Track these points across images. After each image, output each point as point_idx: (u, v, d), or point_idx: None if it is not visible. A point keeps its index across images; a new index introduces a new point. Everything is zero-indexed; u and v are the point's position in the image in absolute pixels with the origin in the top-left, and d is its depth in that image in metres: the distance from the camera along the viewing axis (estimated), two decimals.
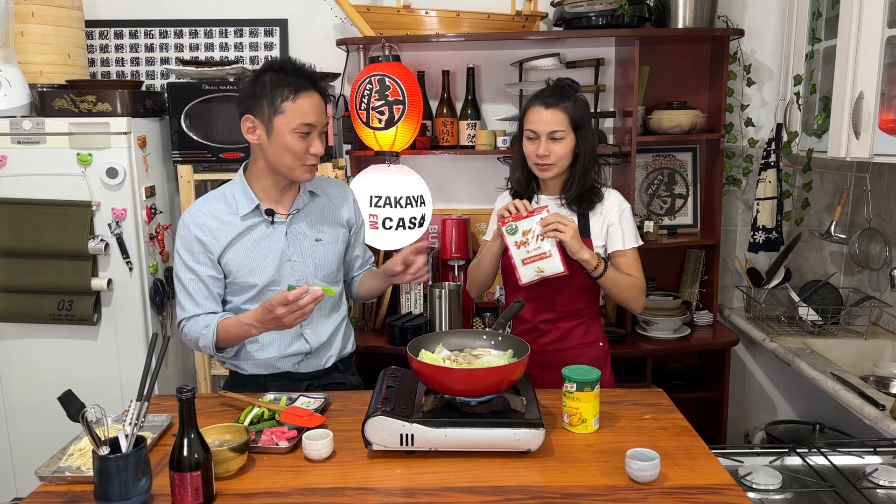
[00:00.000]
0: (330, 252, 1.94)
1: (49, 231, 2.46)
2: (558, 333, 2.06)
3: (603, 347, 2.12)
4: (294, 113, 1.75)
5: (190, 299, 1.85)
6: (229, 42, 3.06)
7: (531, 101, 2.00)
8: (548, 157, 1.95)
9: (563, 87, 2.00)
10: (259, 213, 1.87)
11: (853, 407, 2.14)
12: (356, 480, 1.46)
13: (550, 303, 2.05)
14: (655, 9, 2.83)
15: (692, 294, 3.12)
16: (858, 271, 3.01)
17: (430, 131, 2.99)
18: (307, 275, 1.90)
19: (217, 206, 1.87)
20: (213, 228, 1.83)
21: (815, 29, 2.73)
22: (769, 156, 2.89)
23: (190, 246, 1.83)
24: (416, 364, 1.58)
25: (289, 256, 1.88)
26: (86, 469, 1.48)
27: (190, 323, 1.85)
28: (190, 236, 1.83)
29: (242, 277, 1.85)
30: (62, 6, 2.65)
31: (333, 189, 2.02)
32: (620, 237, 2.03)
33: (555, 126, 1.94)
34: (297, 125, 1.75)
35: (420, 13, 2.83)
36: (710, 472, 1.47)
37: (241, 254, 1.84)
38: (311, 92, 1.78)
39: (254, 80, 1.79)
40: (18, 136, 2.46)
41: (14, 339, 2.58)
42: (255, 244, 1.85)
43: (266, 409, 1.71)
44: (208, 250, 1.83)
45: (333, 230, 1.96)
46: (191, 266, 1.83)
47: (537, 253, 1.91)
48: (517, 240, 1.92)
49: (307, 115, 1.76)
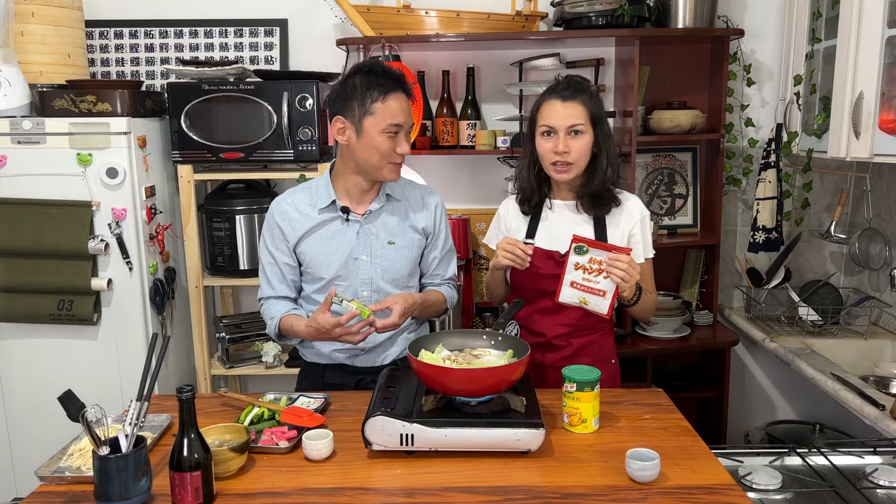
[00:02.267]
0: (402, 256, 1.95)
1: (49, 231, 2.46)
2: (571, 350, 1.96)
3: (614, 365, 2.04)
4: (384, 114, 1.79)
5: (266, 282, 1.98)
6: (229, 42, 3.06)
7: (544, 96, 1.88)
8: (568, 155, 1.83)
9: (577, 82, 1.88)
10: (335, 208, 1.91)
11: (853, 407, 2.14)
12: (356, 480, 1.45)
13: (564, 315, 1.94)
14: (655, 9, 2.83)
15: (692, 294, 3.12)
16: (858, 271, 3.01)
17: (430, 131, 2.99)
18: (374, 276, 1.93)
19: (300, 197, 1.95)
20: (292, 218, 1.92)
21: (815, 29, 2.73)
22: (769, 156, 2.89)
23: (272, 231, 1.95)
24: (416, 364, 1.58)
25: (357, 255, 1.91)
26: (86, 469, 1.48)
27: (264, 304, 1.99)
28: (272, 222, 1.94)
29: (313, 269, 1.93)
30: (62, 6, 2.65)
31: (416, 195, 2.01)
32: (642, 248, 1.95)
33: (574, 119, 1.83)
34: (386, 125, 1.80)
35: (420, 13, 2.83)
36: (710, 472, 1.47)
37: (313, 246, 1.92)
38: (399, 93, 1.82)
39: (343, 83, 1.83)
40: (18, 136, 2.46)
41: (14, 339, 2.58)
42: (327, 238, 1.92)
43: (266, 409, 1.71)
44: (285, 237, 1.92)
45: (407, 235, 1.96)
46: (270, 250, 1.95)
47: (593, 286, 1.80)
48: (580, 262, 1.79)
49: (396, 115, 1.81)
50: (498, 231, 2.08)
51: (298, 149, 2.66)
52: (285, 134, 2.64)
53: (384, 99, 1.78)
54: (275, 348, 2.85)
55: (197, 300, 2.80)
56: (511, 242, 1.86)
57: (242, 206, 2.77)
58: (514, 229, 2.03)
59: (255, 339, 2.90)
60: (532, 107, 1.94)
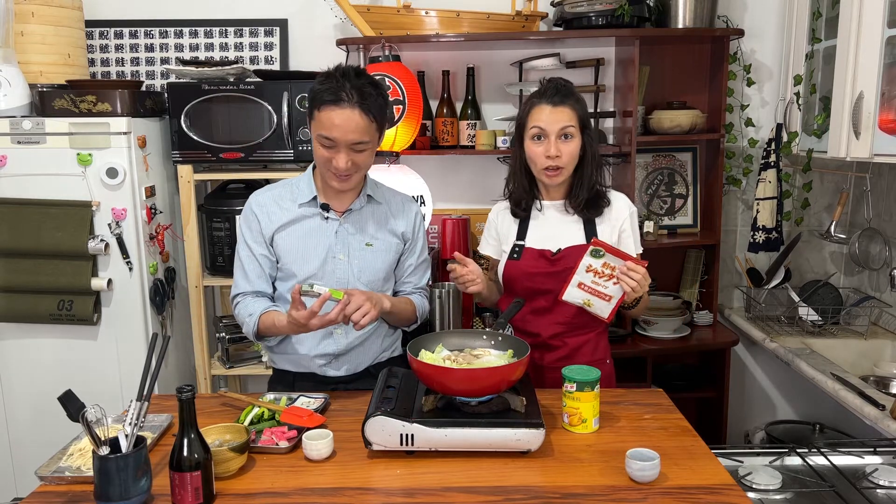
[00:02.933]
0: (378, 259, 1.93)
1: (49, 231, 2.46)
2: (566, 350, 1.97)
3: (609, 366, 2.05)
4: (317, 123, 1.76)
5: (243, 276, 1.93)
6: (229, 42, 3.06)
7: (533, 101, 1.90)
8: (559, 159, 1.85)
9: (563, 86, 1.90)
10: (315, 204, 1.91)
11: (853, 407, 2.14)
12: (356, 480, 1.45)
13: (559, 314, 1.95)
14: (655, 9, 2.83)
15: (692, 294, 3.12)
16: (858, 271, 3.01)
17: (430, 131, 2.99)
18: (350, 277, 1.90)
19: (280, 191, 1.94)
20: (270, 210, 1.91)
21: (815, 29, 2.73)
22: (769, 156, 2.89)
23: (249, 223, 1.92)
24: (416, 364, 1.58)
25: (335, 254, 1.89)
26: (86, 469, 1.48)
27: (240, 301, 1.93)
28: (250, 213, 1.92)
29: (288, 265, 1.90)
30: (62, 6, 2.65)
31: (397, 200, 2.00)
32: (633, 244, 1.97)
33: (565, 122, 1.84)
34: (317, 135, 1.77)
35: (420, 13, 2.83)
36: (710, 472, 1.47)
37: (290, 240, 1.89)
38: (341, 108, 1.72)
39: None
40: (18, 136, 2.46)
41: (14, 339, 2.58)
42: (305, 234, 1.90)
43: (266, 409, 1.71)
44: (262, 229, 1.90)
45: (386, 238, 1.94)
46: (248, 243, 1.92)
47: (601, 290, 1.81)
48: (594, 265, 1.79)
49: (327, 128, 1.73)
50: (489, 237, 2.09)
51: (298, 149, 2.67)
52: (285, 134, 2.64)
53: (321, 109, 1.73)
54: None
55: (197, 300, 2.80)
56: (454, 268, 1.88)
57: (242, 206, 2.73)
58: (505, 233, 2.04)
59: None
60: (519, 111, 1.94)
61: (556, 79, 1.94)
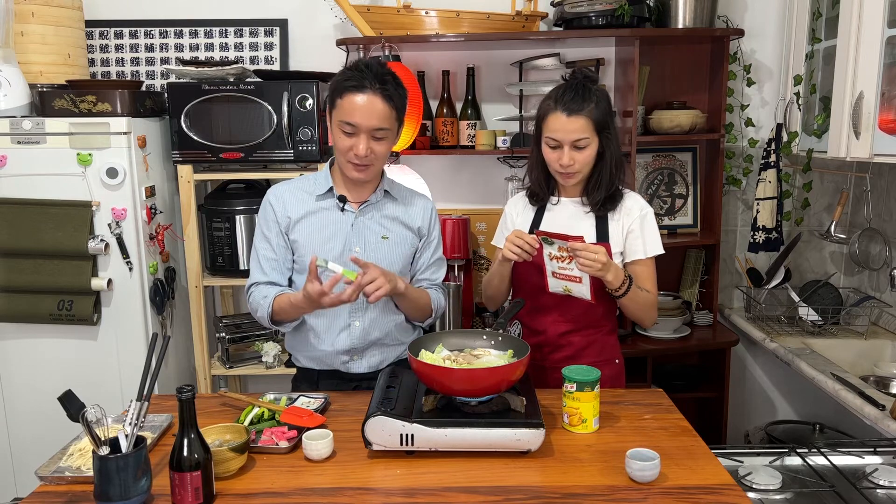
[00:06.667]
0: (395, 252, 1.94)
1: (49, 231, 2.46)
2: (572, 350, 1.97)
3: (618, 365, 2.04)
4: (340, 110, 1.79)
5: (258, 267, 1.94)
6: (229, 42, 3.06)
7: (550, 105, 1.88)
8: (572, 166, 1.87)
9: (583, 87, 1.86)
10: (332, 196, 1.92)
11: (853, 407, 2.14)
12: (356, 480, 1.45)
13: (566, 310, 1.96)
14: (655, 9, 2.83)
15: (692, 294, 3.12)
16: (858, 271, 3.01)
17: (430, 131, 2.99)
18: None
19: (299, 184, 1.96)
20: (287, 201, 1.92)
21: (815, 29, 2.73)
22: (769, 156, 2.89)
23: (266, 214, 1.94)
24: (416, 364, 1.58)
25: (351, 246, 1.90)
26: (86, 469, 1.48)
27: (254, 290, 1.94)
28: (267, 205, 1.94)
29: (305, 257, 1.89)
30: (62, 6, 2.65)
31: (413, 196, 2.02)
32: (642, 245, 1.96)
33: (578, 135, 1.84)
34: (339, 122, 1.79)
35: (420, 13, 2.83)
36: (710, 472, 1.47)
37: (307, 232, 1.91)
38: (364, 93, 1.76)
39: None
40: (18, 136, 2.46)
41: (14, 339, 2.58)
42: (322, 225, 1.91)
43: (266, 409, 1.71)
44: (278, 220, 1.91)
45: (401, 232, 1.95)
46: (265, 234, 1.93)
47: (568, 273, 1.85)
48: (552, 252, 1.84)
49: (349, 113, 1.77)
50: (505, 230, 2.09)
51: (298, 149, 2.66)
52: (285, 134, 2.64)
53: (343, 95, 1.78)
54: (275, 348, 2.85)
55: (197, 300, 2.80)
56: (519, 235, 1.87)
57: (242, 206, 2.77)
58: (520, 225, 2.05)
59: (255, 339, 2.91)
60: (538, 111, 1.94)
61: (578, 74, 1.91)
